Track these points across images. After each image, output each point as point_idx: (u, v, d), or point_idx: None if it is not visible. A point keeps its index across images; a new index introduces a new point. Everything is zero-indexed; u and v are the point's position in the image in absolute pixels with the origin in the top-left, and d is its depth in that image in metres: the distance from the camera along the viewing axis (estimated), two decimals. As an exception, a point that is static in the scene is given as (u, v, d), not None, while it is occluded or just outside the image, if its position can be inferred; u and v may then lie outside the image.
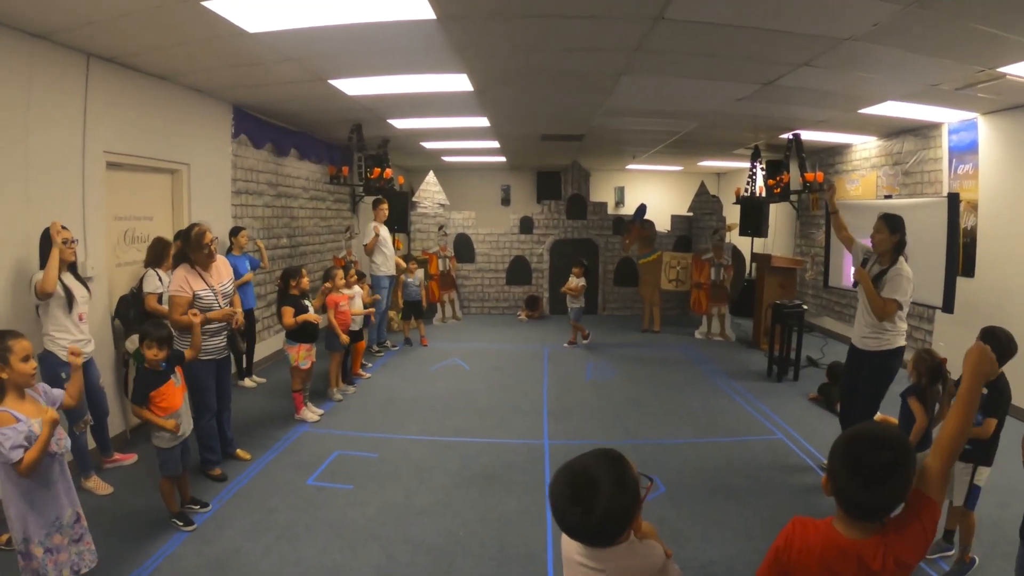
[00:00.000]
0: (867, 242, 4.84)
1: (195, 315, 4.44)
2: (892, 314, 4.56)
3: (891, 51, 4.78)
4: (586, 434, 6.01)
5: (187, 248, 4.65)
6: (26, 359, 2.88)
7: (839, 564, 1.73)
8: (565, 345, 9.86)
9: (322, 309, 6.71)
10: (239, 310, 5.37)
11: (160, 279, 5.37)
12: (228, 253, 6.96)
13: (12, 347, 2.84)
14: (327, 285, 6.66)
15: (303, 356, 6.06)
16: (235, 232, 7.07)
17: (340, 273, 6.86)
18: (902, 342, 4.70)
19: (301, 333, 6.06)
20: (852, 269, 5.06)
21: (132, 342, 5.12)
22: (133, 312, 5.38)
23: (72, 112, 4.94)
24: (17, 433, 2.75)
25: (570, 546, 1.81)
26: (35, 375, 2.97)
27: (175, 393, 4.09)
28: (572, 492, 1.64)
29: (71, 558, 3.03)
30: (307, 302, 6.15)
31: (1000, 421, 3.64)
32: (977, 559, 3.75)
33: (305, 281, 6.14)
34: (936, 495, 1.78)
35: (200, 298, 4.62)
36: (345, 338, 6.75)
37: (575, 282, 9.59)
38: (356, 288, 7.43)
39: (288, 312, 5.98)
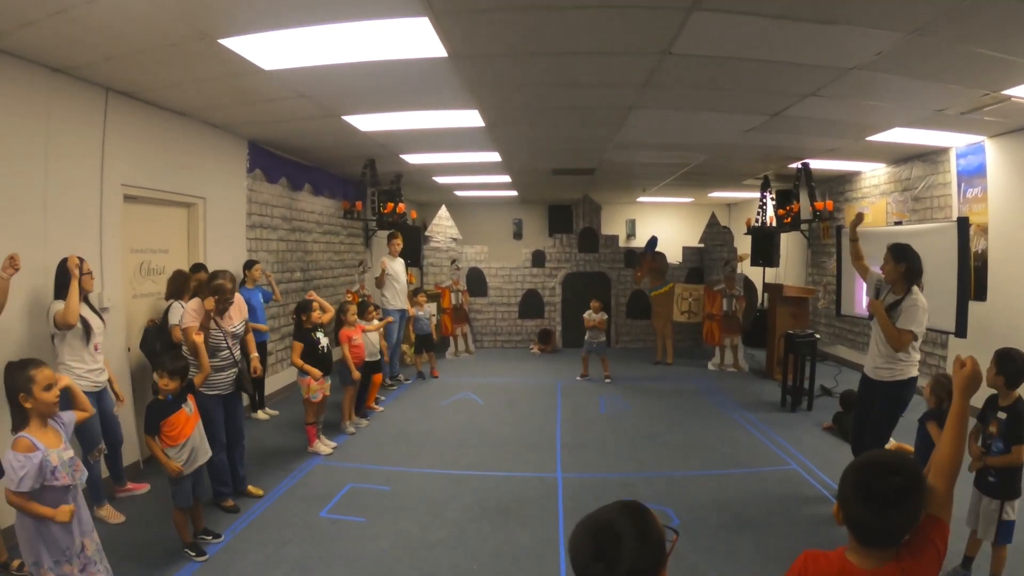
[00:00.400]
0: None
1: (198, 334, 4.55)
2: (908, 344, 4.50)
3: (896, 79, 4.84)
4: (600, 467, 5.97)
5: (207, 289, 4.71)
6: (48, 388, 2.92)
7: None
8: (578, 378, 9.84)
9: (335, 342, 6.75)
10: (255, 354, 5.37)
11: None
12: (241, 286, 7.00)
13: (35, 377, 2.88)
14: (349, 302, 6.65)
15: (315, 389, 6.07)
16: (249, 266, 7.14)
17: (353, 308, 6.89)
18: (915, 372, 4.63)
19: (313, 366, 6.07)
20: (866, 300, 5.02)
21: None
22: (160, 344, 5.42)
23: (90, 145, 5.06)
24: (32, 464, 2.77)
25: None
26: (56, 403, 2.99)
27: (187, 422, 4.13)
28: (594, 547, 1.48)
29: None
30: (319, 335, 6.17)
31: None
32: None
33: (316, 315, 6.18)
34: (943, 515, 1.79)
35: (209, 336, 4.69)
36: (357, 374, 6.76)
37: (598, 317, 9.59)
38: (375, 322, 7.47)
39: (297, 348, 6.03)
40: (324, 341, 6.20)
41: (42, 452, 2.82)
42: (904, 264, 4.52)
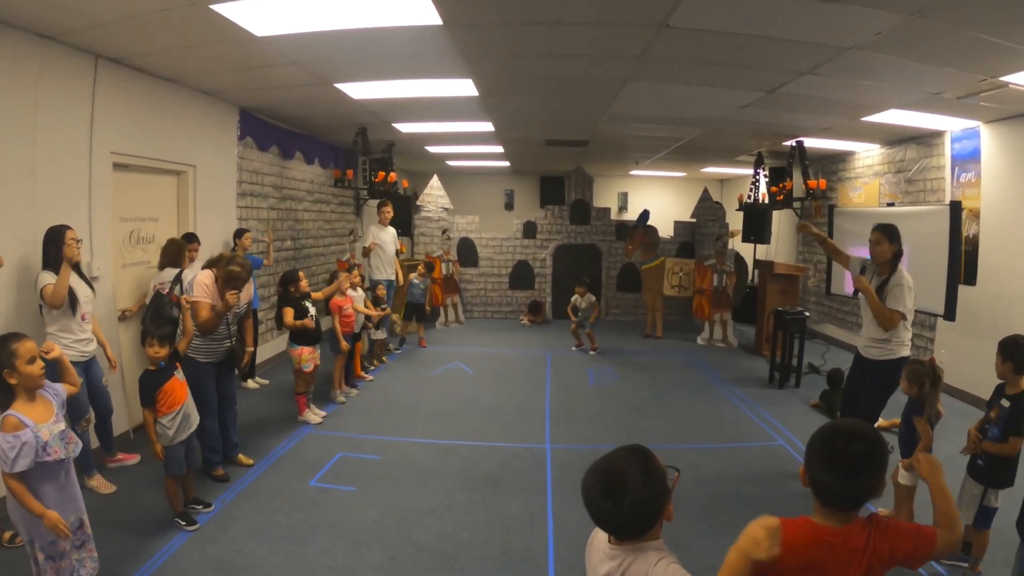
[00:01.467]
0: (862, 252, 4.84)
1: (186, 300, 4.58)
2: (897, 324, 4.54)
3: (894, 60, 4.81)
4: (588, 439, 6.02)
5: (217, 271, 4.69)
6: (32, 361, 2.86)
7: (824, 553, 1.80)
8: (573, 348, 9.90)
9: (326, 312, 6.74)
10: (251, 348, 5.38)
11: None
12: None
13: (17, 351, 2.81)
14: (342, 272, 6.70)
15: (307, 358, 6.08)
16: (239, 234, 7.09)
17: (345, 276, 6.87)
18: (906, 352, 4.67)
19: (304, 335, 6.08)
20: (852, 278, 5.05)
21: None
22: (178, 310, 5.36)
23: (80, 113, 4.98)
24: (20, 442, 2.73)
25: (599, 542, 1.87)
26: (43, 375, 2.95)
27: (180, 388, 4.16)
28: (603, 487, 1.69)
29: (71, 564, 3.02)
30: (308, 303, 6.16)
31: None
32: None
33: (304, 284, 6.16)
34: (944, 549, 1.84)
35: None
36: (346, 344, 6.78)
37: (585, 301, 9.63)
38: (359, 291, 7.43)
39: (289, 312, 6.01)
40: (312, 310, 6.18)
41: (31, 428, 2.78)
42: (897, 243, 4.60)
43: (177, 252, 5.67)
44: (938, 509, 1.89)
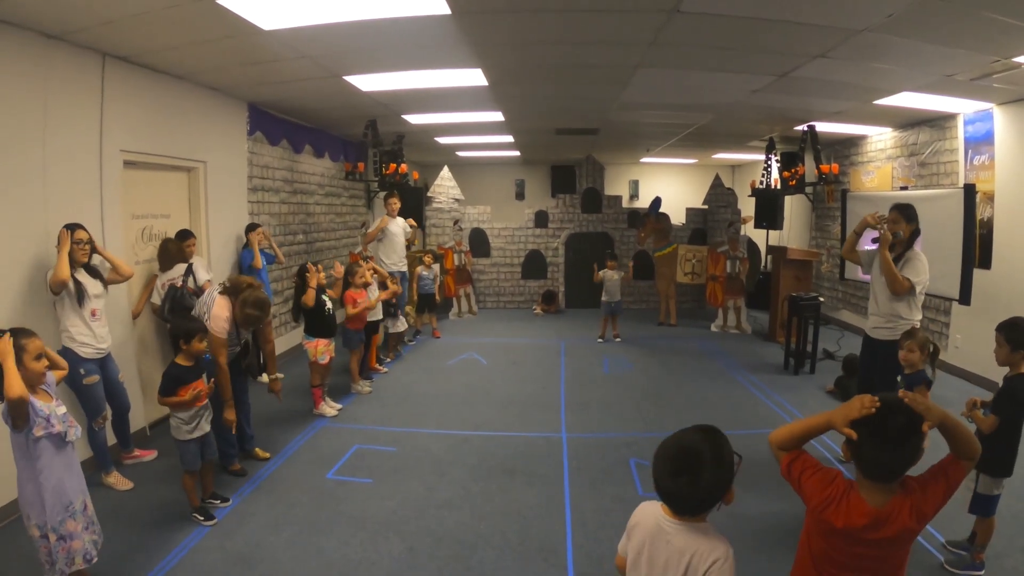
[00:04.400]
0: (869, 245, 4.86)
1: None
2: (905, 290, 4.56)
3: (906, 42, 4.76)
4: (604, 427, 6.02)
5: (234, 304, 4.58)
6: (39, 358, 2.97)
7: (863, 526, 1.91)
8: (599, 340, 9.83)
9: (339, 304, 6.75)
10: (276, 377, 5.30)
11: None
12: (245, 249, 7.04)
13: (26, 346, 2.94)
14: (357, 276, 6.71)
15: (322, 351, 6.10)
16: (251, 229, 7.11)
17: (363, 270, 6.83)
18: None
19: (319, 328, 6.10)
20: (869, 244, 5.06)
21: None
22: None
23: (89, 111, 4.99)
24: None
25: (652, 519, 1.97)
26: (44, 374, 3.07)
27: (206, 390, 4.21)
28: (678, 464, 1.84)
29: (84, 546, 3.09)
30: (324, 297, 6.18)
31: (1008, 420, 3.42)
32: (984, 566, 3.62)
33: (321, 276, 6.17)
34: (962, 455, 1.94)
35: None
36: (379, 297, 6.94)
37: (616, 275, 9.64)
38: (376, 291, 7.38)
39: (310, 293, 6.00)
40: (329, 304, 6.20)
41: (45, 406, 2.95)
42: (915, 223, 4.66)
43: (177, 251, 5.71)
44: (948, 431, 1.94)
